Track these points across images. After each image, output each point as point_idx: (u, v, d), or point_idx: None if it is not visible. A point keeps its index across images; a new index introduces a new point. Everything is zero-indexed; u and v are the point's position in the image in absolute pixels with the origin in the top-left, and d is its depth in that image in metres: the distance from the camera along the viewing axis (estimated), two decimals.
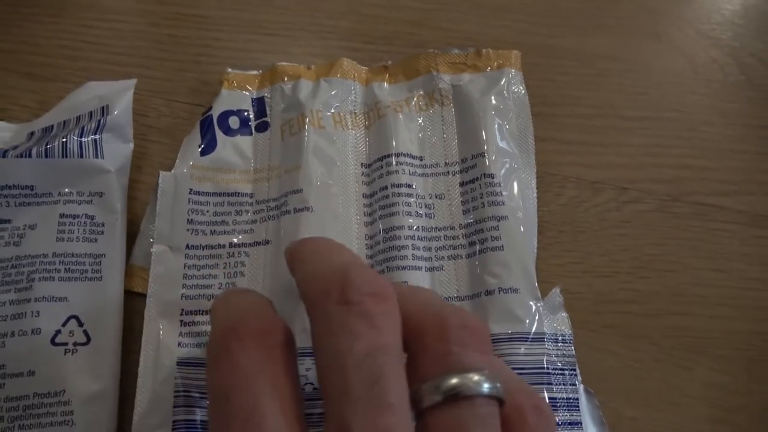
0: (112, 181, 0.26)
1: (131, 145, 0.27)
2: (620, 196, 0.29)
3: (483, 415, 0.14)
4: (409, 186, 0.27)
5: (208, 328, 0.24)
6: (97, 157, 0.25)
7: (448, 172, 0.28)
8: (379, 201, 0.27)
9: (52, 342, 0.22)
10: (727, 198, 0.29)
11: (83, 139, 0.25)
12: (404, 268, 0.25)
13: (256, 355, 0.15)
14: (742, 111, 0.32)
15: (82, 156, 0.25)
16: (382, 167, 0.27)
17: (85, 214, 0.25)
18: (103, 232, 0.25)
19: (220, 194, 0.27)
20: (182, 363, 0.23)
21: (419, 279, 0.25)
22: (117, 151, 0.26)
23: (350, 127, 0.29)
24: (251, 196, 0.27)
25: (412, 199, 0.27)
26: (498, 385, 0.14)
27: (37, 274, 0.23)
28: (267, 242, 0.26)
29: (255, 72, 0.30)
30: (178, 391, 0.23)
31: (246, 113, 0.29)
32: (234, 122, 0.28)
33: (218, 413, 0.15)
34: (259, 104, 0.29)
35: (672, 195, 0.29)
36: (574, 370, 0.24)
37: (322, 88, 0.29)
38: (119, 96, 0.27)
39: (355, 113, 0.29)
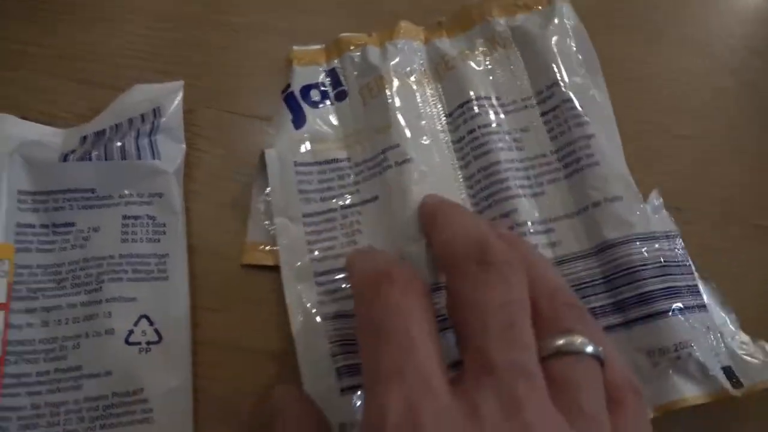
0: (170, 182, 0.26)
1: (184, 146, 0.28)
2: (676, 217, 0.28)
3: (586, 368, 0.16)
4: (495, 125, 0.28)
5: (342, 284, 0.26)
6: (154, 158, 0.26)
7: (526, 106, 0.29)
8: (470, 144, 0.28)
9: (126, 342, 0.23)
10: None
11: (140, 142, 0.26)
12: (509, 197, 0.27)
13: (405, 296, 0.17)
14: None
15: (140, 158, 0.26)
16: (464, 113, 0.29)
17: (147, 215, 0.26)
18: (165, 232, 0.26)
19: (320, 163, 0.28)
20: (327, 318, 0.25)
21: (525, 205, 0.27)
22: (171, 152, 0.27)
23: (424, 82, 0.30)
24: (348, 160, 0.29)
25: (500, 136, 0.28)
26: (600, 348, 0.17)
27: (106, 275, 0.24)
28: (375, 198, 0.27)
29: (318, 46, 0.31)
30: (333, 342, 0.24)
31: (323, 85, 0.30)
32: (315, 94, 0.30)
33: (373, 342, 0.17)
34: (333, 75, 0.31)
35: (725, 216, 0.29)
36: (688, 260, 0.26)
37: (390, 51, 0.30)
38: (169, 98, 0.28)
39: (424, 69, 0.30)
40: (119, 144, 0.26)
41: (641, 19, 0.36)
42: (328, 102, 0.30)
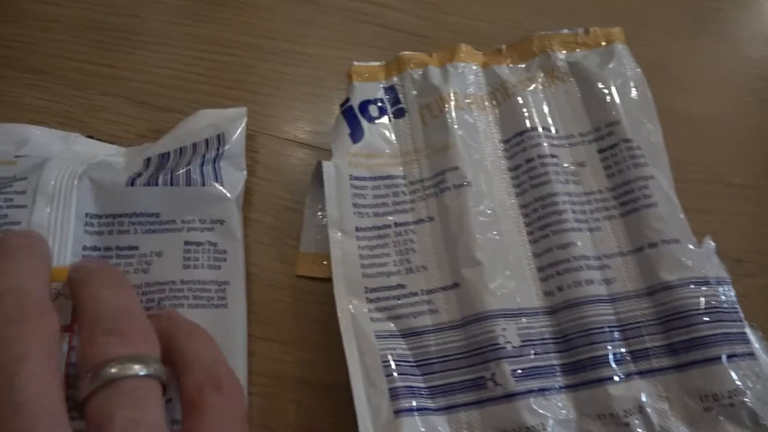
0: (232, 209, 0.26)
1: (245, 173, 0.28)
2: (736, 269, 0.28)
3: (124, 393, 0.15)
4: (553, 156, 0.28)
5: (393, 302, 0.25)
6: (217, 184, 0.26)
7: (583, 142, 0.29)
8: (527, 172, 0.28)
9: None
10: None
11: (204, 168, 0.26)
12: (567, 230, 0.27)
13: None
14: None
15: (204, 184, 0.26)
16: (522, 142, 0.29)
17: (208, 242, 0.25)
18: (225, 260, 0.25)
19: (375, 178, 0.28)
20: (381, 336, 0.24)
21: (582, 239, 0.27)
22: (233, 178, 0.27)
23: (482, 107, 0.30)
24: (403, 177, 0.28)
25: (558, 168, 0.28)
26: (154, 366, 0.16)
27: (167, 300, 0.24)
28: (431, 219, 0.27)
29: (379, 63, 0.32)
30: (386, 362, 0.24)
31: (381, 101, 0.30)
32: (373, 110, 0.30)
33: None
34: (392, 92, 0.31)
35: None
36: (737, 307, 0.26)
37: (450, 73, 0.30)
38: (233, 124, 0.28)
39: (483, 94, 0.31)
40: (184, 170, 0.26)
41: (698, 70, 0.36)
42: (386, 118, 0.30)
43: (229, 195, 0.26)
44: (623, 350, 0.24)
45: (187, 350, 0.18)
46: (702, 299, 0.25)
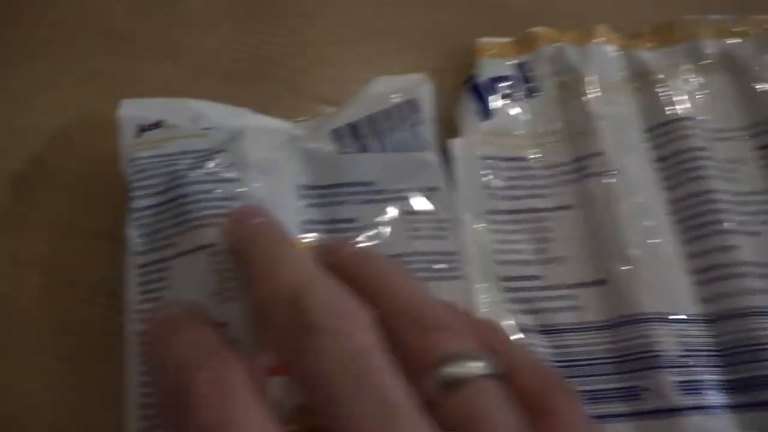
0: (441, 175, 0.24)
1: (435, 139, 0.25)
2: None
3: (480, 393, 0.13)
4: (704, 149, 0.26)
5: (531, 294, 0.23)
6: (423, 150, 0.24)
7: (738, 137, 0.26)
8: (677, 165, 0.25)
9: None
10: None
11: (408, 134, 0.24)
12: (725, 232, 0.24)
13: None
14: None
15: (414, 150, 0.24)
16: (669, 132, 0.26)
17: (427, 210, 0.23)
18: (447, 228, 0.23)
19: (507, 159, 0.26)
20: (523, 330, 0.22)
21: (744, 243, 0.24)
22: (431, 143, 0.25)
23: (622, 91, 0.27)
24: (538, 160, 0.26)
25: (712, 163, 0.25)
26: (494, 361, 0.14)
27: None
28: (569, 206, 0.25)
29: (507, 39, 0.29)
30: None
31: (511, 78, 0.28)
32: (503, 88, 0.27)
33: None
34: (523, 69, 0.28)
35: None
36: None
37: (589, 52, 0.28)
38: (420, 89, 0.25)
39: (622, 78, 0.28)
40: (392, 136, 0.24)
41: None
42: (517, 96, 0.27)
43: (436, 161, 0.24)
44: None
45: (512, 357, 0.15)
46: None
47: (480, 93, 0.27)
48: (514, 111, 0.27)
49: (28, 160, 0.27)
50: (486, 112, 0.26)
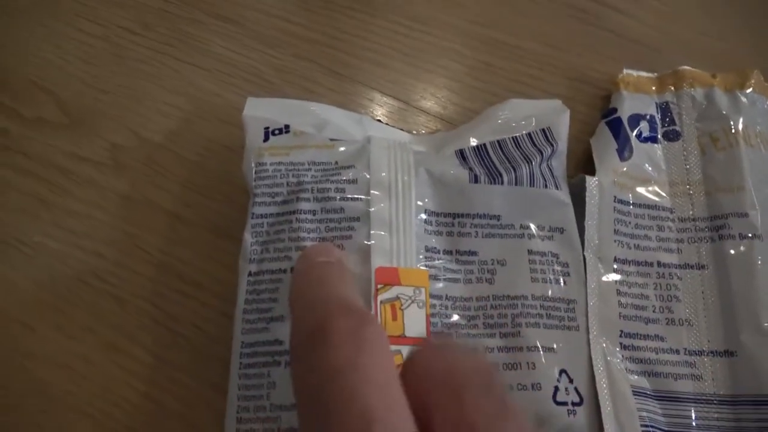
0: (571, 216, 0.23)
1: (565, 171, 0.25)
2: None
3: None
4: None
5: (651, 355, 0.22)
6: (557, 188, 0.23)
7: None
8: None
9: (554, 400, 0.20)
10: None
11: (542, 167, 0.23)
12: None
13: (357, 354, 0.13)
14: None
15: (546, 186, 0.23)
16: None
17: (551, 252, 0.22)
18: (569, 274, 0.22)
19: (640, 205, 0.25)
20: (638, 393, 0.21)
21: None
22: (563, 177, 0.24)
23: None
24: (671, 211, 0.25)
25: None
26: None
27: (523, 318, 0.21)
28: (701, 267, 0.23)
29: (650, 74, 0.28)
30: (645, 426, 0.20)
31: (652, 118, 0.26)
32: (644, 127, 0.26)
33: (315, 419, 0.13)
34: (665, 109, 0.27)
35: None
36: None
37: (740, 100, 0.26)
38: (558, 118, 0.24)
39: None
40: (526, 169, 0.23)
41: None
42: (655, 138, 0.26)
43: (567, 200, 0.23)
44: None
45: None
46: None
47: (621, 129, 0.26)
48: (653, 154, 0.26)
49: (156, 144, 0.27)
50: (625, 151, 0.25)
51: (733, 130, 0.25)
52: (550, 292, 0.21)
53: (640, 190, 0.25)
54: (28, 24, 0.30)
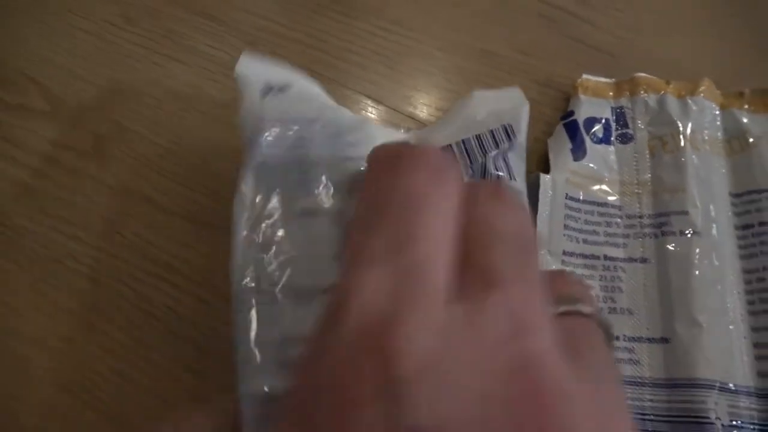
0: (525, 205, 0.24)
1: (524, 165, 0.26)
2: None
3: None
4: None
5: None
6: (511, 178, 0.24)
7: None
8: (759, 236, 0.25)
9: None
10: None
11: (497, 162, 0.24)
12: None
13: (431, 181, 0.13)
14: None
15: (498, 178, 0.24)
16: (757, 200, 0.26)
17: None
18: None
19: (590, 202, 0.26)
20: None
21: None
22: (521, 170, 0.25)
23: (717, 152, 0.27)
24: (620, 208, 0.26)
25: None
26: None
27: None
28: (644, 260, 0.25)
29: (608, 80, 0.29)
30: None
31: (607, 121, 0.28)
32: (598, 130, 0.28)
33: (369, 222, 0.13)
34: (619, 114, 0.28)
35: None
36: None
37: (690, 107, 0.28)
38: (517, 113, 0.25)
39: (718, 138, 0.28)
40: (480, 163, 0.24)
41: None
42: (608, 140, 0.28)
43: (522, 189, 0.24)
44: None
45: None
46: None
47: (576, 131, 0.27)
48: (605, 155, 0.27)
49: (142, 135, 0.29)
50: (579, 152, 0.27)
51: (681, 135, 0.27)
52: None
53: (592, 188, 0.26)
54: (22, 18, 0.31)
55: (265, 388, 0.16)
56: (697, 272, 0.24)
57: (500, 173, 0.24)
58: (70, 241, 0.26)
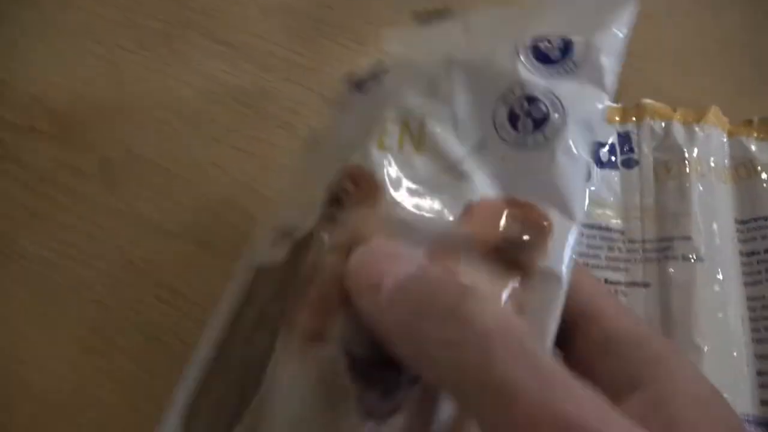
0: None
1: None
2: None
3: None
4: None
5: None
6: None
7: None
8: (765, 263, 0.25)
9: None
10: None
11: None
12: None
13: None
14: None
15: None
16: (762, 228, 0.26)
17: None
18: None
19: (591, 226, 0.26)
20: None
21: None
22: None
23: (723, 179, 0.28)
24: (622, 233, 0.27)
25: None
26: None
27: None
28: (646, 285, 0.25)
29: (615, 105, 0.30)
30: None
31: (613, 146, 0.28)
32: (603, 155, 0.28)
33: None
34: (625, 139, 0.29)
35: None
36: None
37: (697, 134, 0.28)
38: None
39: (725, 165, 0.28)
40: None
41: None
42: (613, 165, 0.28)
43: None
44: None
45: None
46: None
47: None
48: (609, 180, 0.28)
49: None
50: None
51: (686, 161, 0.27)
52: None
53: (595, 212, 0.27)
54: (34, 41, 0.33)
55: None
56: (699, 297, 0.24)
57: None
58: (80, 267, 0.27)
